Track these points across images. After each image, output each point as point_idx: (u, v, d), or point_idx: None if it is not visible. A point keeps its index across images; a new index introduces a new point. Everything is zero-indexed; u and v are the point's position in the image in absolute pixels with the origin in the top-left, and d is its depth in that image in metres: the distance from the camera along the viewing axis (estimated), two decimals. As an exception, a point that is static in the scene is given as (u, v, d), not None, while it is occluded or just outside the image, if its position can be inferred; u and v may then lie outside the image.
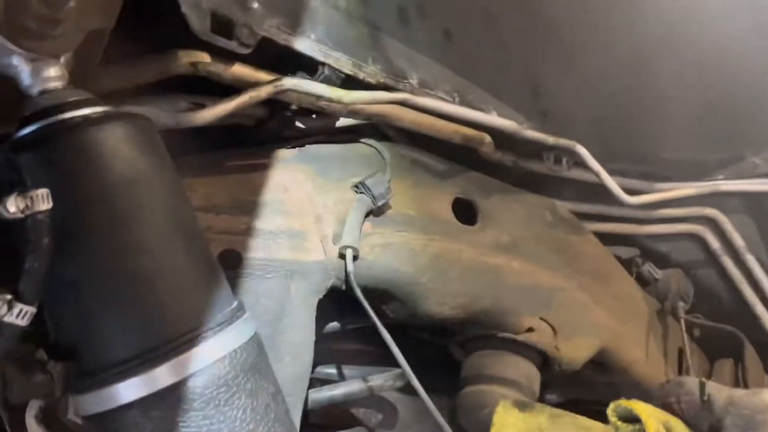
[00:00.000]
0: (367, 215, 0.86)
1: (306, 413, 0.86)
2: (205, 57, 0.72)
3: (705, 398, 0.93)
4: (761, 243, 1.33)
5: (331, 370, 1.07)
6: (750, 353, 1.34)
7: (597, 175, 1.16)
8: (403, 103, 0.90)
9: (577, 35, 1.19)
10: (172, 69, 0.72)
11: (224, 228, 0.75)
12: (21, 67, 0.55)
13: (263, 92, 0.75)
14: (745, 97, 1.23)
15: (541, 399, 1.10)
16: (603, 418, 0.71)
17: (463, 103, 1.01)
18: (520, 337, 1.04)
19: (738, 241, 1.31)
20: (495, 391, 1.00)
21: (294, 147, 0.87)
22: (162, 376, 0.52)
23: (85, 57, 0.63)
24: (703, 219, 1.32)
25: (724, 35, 1.19)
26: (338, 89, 0.81)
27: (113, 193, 0.52)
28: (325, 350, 0.86)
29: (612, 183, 1.16)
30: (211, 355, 0.54)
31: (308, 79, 0.81)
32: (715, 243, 1.32)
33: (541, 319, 1.05)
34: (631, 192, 1.21)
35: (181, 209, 0.57)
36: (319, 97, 0.80)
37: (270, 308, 0.76)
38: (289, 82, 0.76)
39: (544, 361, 1.07)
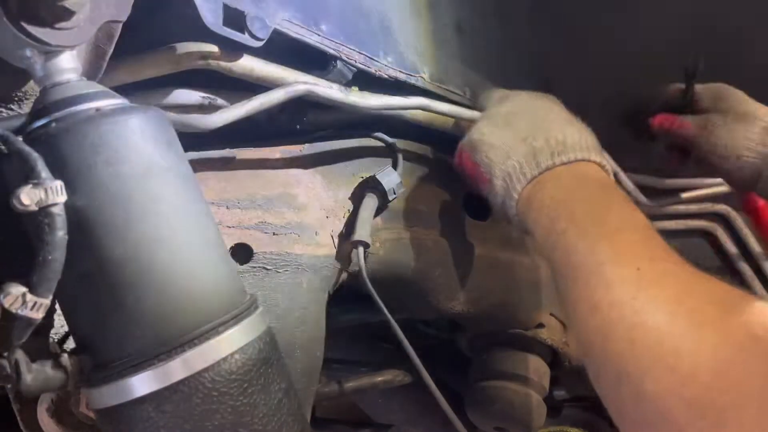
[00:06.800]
0: (378, 210, 0.86)
1: (313, 407, 0.86)
2: (215, 50, 0.72)
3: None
4: (773, 240, 1.32)
5: (340, 365, 1.07)
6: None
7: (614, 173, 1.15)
8: (420, 109, 0.89)
9: (589, 30, 1.19)
10: (183, 62, 0.71)
11: (236, 222, 0.75)
12: (34, 59, 0.55)
13: (274, 98, 0.75)
14: (757, 93, 1.22)
15: (550, 395, 1.10)
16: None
17: (474, 97, 1.00)
18: (530, 333, 1.04)
19: (750, 238, 1.30)
20: (505, 386, 1.00)
21: (305, 141, 0.87)
22: (175, 370, 0.52)
23: (97, 49, 0.62)
24: (714, 216, 1.31)
25: (735, 29, 1.19)
26: (352, 95, 0.81)
27: (127, 186, 0.52)
28: (334, 345, 0.86)
29: (626, 179, 1.15)
30: (224, 350, 0.54)
31: (321, 78, 0.80)
32: (726, 240, 1.31)
33: (551, 315, 1.05)
34: (641, 188, 1.21)
35: (196, 202, 0.56)
36: (332, 102, 0.80)
37: (281, 303, 0.76)
38: (302, 87, 0.76)
39: (553, 357, 1.07)
